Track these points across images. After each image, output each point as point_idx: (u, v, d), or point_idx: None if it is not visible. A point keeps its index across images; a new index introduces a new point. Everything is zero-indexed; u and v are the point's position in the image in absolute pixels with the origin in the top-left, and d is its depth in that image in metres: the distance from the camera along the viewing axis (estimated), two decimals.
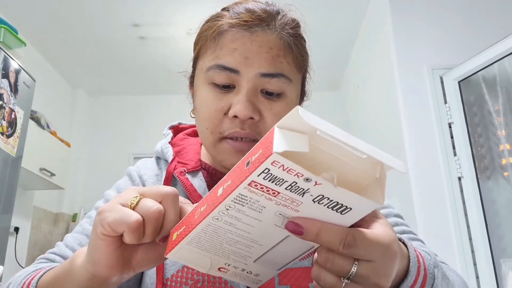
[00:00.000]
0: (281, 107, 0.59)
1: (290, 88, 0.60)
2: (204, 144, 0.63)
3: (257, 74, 0.57)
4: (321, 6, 2.92)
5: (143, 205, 0.39)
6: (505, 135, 2.08)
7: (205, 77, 0.60)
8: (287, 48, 0.60)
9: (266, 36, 0.58)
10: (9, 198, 1.99)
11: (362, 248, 0.34)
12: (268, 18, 0.60)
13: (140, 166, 0.70)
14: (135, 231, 0.37)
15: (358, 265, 0.35)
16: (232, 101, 0.57)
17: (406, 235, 0.62)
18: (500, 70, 2.13)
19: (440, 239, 2.09)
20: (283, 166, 0.30)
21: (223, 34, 0.59)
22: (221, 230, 0.37)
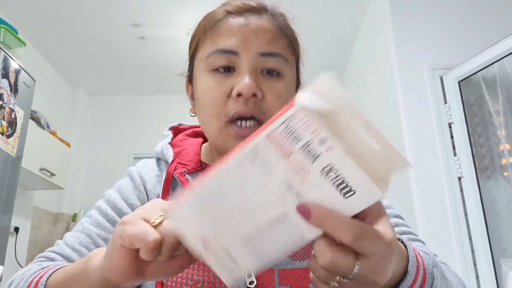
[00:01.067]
0: (281, 87, 0.61)
1: (287, 70, 0.63)
2: (209, 135, 0.63)
3: (256, 54, 0.59)
4: (321, 6, 2.92)
5: (165, 228, 0.39)
6: (505, 135, 2.09)
7: (204, 65, 0.62)
8: (280, 33, 0.63)
9: (260, 21, 0.62)
10: (9, 198, 1.99)
11: (369, 243, 0.34)
12: (260, 8, 0.64)
13: (141, 167, 0.71)
14: (152, 250, 0.37)
15: (360, 266, 0.34)
16: (233, 83, 0.59)
17: (407, 236, 0.62)
18: (500, 70, 2.13)
19: (440, 239, 2.09)
20: (304, 119, 0.31)
21: (220, 23, 0.62)
22: (226, 192, 0.36)
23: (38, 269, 0.54)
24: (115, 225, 0.62)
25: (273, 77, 0.61)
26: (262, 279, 0.56)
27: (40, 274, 0.51)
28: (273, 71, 0.61)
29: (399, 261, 0.40)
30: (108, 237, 0.61)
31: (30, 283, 0.50)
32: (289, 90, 0.63)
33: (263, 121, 0.59)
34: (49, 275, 0.50)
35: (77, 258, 0.59)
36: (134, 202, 0.65)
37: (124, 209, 0.64)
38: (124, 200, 0.65)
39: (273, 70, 0.61)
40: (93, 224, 0.63)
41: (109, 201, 0.65)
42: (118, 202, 0.65)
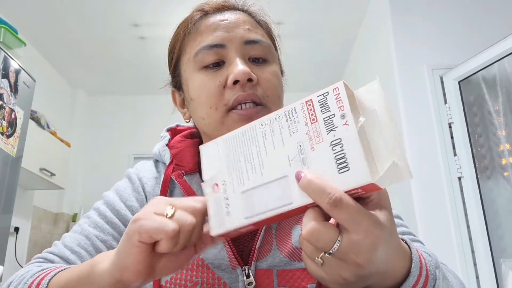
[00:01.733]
0: (270, 73, 0.63)
1: (271, 55, 0.65)
2: (211, 128, 0.62)
3: (241, 43, 0.62)
4: (321, 6, 2.92)
5: (180, 217, 0.40)
6: (505, 135, 2.08)
7: (194, 64, 0.63)
8: (257, 23, 0.67)
9: (236, 15, 0.65)
10: (9, 198, 1.99)
11: (346, 213, 0.35)
12: (233, 6, 0.68)
13: (139, 169, 0.71)
14: (173, 239, 0.39)
15: (341, 242, 0.35)
16: (227, 73, 0.60)
17: (406, 236, 0.62)
18: (500, 70, 2.13)
19: (440, 239, 2.09)
20: (339, 95, 0.37)
21: (200, 23, 0.65)
22: (253, 140, 0.41)
23: (38, 271, 0.53)
24: (113, 227, 0.62)
25: (261, 63, 0.63)
26: (261, 280, 0.56)
27: (40, 276, 0.51)
28: (259, 58, 0.63)
29: (401, 260, 0.40)
30: (107, 238, 0.61)
31: (30, 285, 0.50)
32: (278, 75, 0.65)
33: (262, 104, 0.60)
34: (51, 278, 0.50)
35: (75, 260, 0.59)
36: (133, 204, 0.65)
37: (122, 211, 0.64)
38: (122, 202, 0.65)
39: (259, 57, 0.63)
40: (92, 226, 0.63)
41: (108, 203, 0.65)
42: (116, 204, 0.65)
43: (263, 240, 0.59)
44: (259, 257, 0.57)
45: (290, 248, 0.58)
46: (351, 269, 0.36)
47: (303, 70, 3.80)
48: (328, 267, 0.37)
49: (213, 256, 0.58)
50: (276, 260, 0.57)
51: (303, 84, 4.07)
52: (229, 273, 0.57)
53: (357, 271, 0.36)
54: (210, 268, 0.57)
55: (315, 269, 0.38)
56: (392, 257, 0.39)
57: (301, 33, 3.21)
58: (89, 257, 0.59)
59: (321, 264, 0.37)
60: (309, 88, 4.17)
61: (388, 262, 0.38)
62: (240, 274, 0.56)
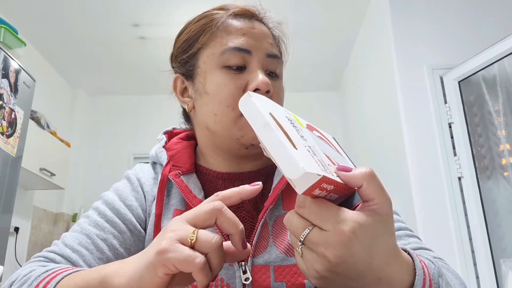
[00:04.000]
0: (280, 89, 0.68)
1: (281, 73, 0.70)
2: (220, 126, 0.64)
3: (265, 55, 0.66)
4: (321, 6, 2.92)
5: (203, 240, 0.39)
6: (505, 135, 2.08)
7: (217, 62, 0.65)
8: (276, 41, 0.72)
9: (261, 26, 0.69)
10: (9, 198, 1.99)
11: (310, 213, 0.38)
12: (261, 14, 0.71)
13: (137, 170, 0.72)
14: (203, 270, 0.38)
15: (309, 231, 0.37)
16: (247, 79, 0.63)
17: (403, 232, 0.62)
18: (500, 70, 2.13)
19: (440, 239, 2.09)
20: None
21: (229, 22, 0.67)
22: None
23: (42, 272, 0.52)
24: (113, 226, 0.63)
25: (273, 77, 0.67)
26: (257, 275, 0.57)
27: (46, 279, 0.50)
28: (274, 73, 0.67)
29: (401, 271, 0.41)
30: (107, 237, 0.61)
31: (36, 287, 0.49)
32: (283, 91, 0.70)
33: None
34: (57, 282, 0.49)
35: (77, 259, 0.58)
36: (132, 204, 0.65)
37: (122, 210, 0.64)
38: (122, 202, 0.65)
39: (274, 71, 0.67)
40: (92, 225, 0.63)
41: (107, 202, 0.66)
42: (116, 203, 0.65)
43: (259, 236, 0.59)
44: (256, 253, 0.58)
45: (286, 244, 0.59)
46: (322, 262, 0.37)
47: (303, 70, 3.79)
48: (305, 259, 0.39)
49: None
50: (272, 256, 0.58)
51: (303, 84, 4.07)
52: (226, 269, 0.57)
53: (327, 265, 0.37)
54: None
55: (298, 260, 0.41)
56: (383, 264, 0.39)
57: (301, 33, 3.21)
58: (90, 255, 0.59)
59: (301, 255, 0.39)
60: (309, 88, 4.18)
61: (373, 267, 0.38)
62: (237, 270, 0.57)
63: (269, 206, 0.60)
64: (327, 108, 4.11)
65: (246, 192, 0.44)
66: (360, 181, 0.38)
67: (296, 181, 0.36)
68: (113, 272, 0.44)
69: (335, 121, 4.04)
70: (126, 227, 0.63)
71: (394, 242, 0.41)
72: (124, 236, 0.62)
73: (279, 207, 0.62)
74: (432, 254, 0.59)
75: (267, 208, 0.60)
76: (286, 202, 0.63)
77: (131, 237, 0.63)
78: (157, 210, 0.64)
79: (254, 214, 0.63)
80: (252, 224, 0.62)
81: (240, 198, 0.44)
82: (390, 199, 0.39)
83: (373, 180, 0.38)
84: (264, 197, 0.64)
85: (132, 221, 0.64)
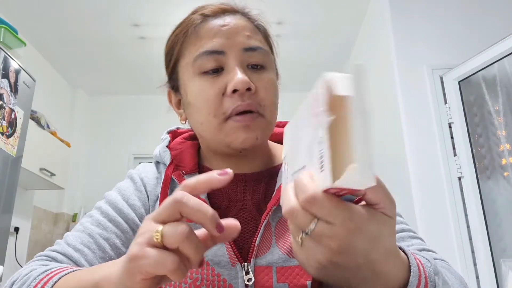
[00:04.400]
0: (268, 78, 0.64)
1: (269, 62, 0.65)
2: (208, 134, 0.63)
3: (241, 50, 0.62)
4: (321, 6, 2.92)
5: (168, 235, 0.38)
6: (505, 135, 2.08)
7: (193, 69, 0.63)
8: (256, 29, 0.67)
9: (236, 20, 0.65)
10: (9, 198, 1.99)
11: (320, 209, 0.36)
12: (233, 10, 0.67)
13: (141, 169, 0.72)
14: (177, 270, 0.38)
15: (317, 224, 0.37)
16: (226, 81, 0.60)
17: (405, 233, 0.62)
18: (500, 70, 2.13)
19: (440, 239, 2.09)
20: (322, 90, 0.37)
21: (199, 27, 0.64)
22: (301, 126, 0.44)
23: (42, 271, 0.53)
24: (116, 225, 0.63)
25: (259, 70, 0.63)
26: (260, 276, 0.56)
27: (44, 280, 0.50)
28: (258, 65, 0.63)
29: (396, 268, 0.41)
30: (110, 236, 0.61)
31: (36, 285, 0.50)
32: (274, 82, 0.66)
33: (260, 113, 0.61)
34: (55, 282, 0.49)
35: (79, 258, 0.59)
36: (135, 203, 0.66)
37: (125, 209, 0.64)
38: (125, 201, 0.66)
39: (258, 64, 0.63)
40: (94, 224, 0.63)
41: (110, 202, 0.66)
42: (119, 203, 0.65)
43: (262, 237, 0.59)
44: (258, 254, 0.58)
45: (289, 245, 0.59)
46: (325, 252, 0.37)
47: (303, 70, 3.79)
48: (306, 249, 0.39)
49: (213, 253, 0.58)
50: (275, 257, 0.58)
51: (303, 84, 4.07)
52: (229, 270, 0.57)
53: (330, 255, 0.37)
54: (210, 264, 0.58)
55: (297, 250, 0.40)
56: (381, 260, 0.39)
57: (301, 33, 3.21)
58: (92, 255, 0.59)
59: (301, 244, 0.39)
60: (309, 88, 4.16)
61: (371, 261, 0.38)
62: (240, 270, 0.57)
63: (272, 207, 0.60)
64: None
65: (215, 181, 0.41)
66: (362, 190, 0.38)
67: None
68: (105, 278, 0.44)
69: None
70: (129, 226, 0.63)
71: (394, 243, 0.41)
72: (126, 235, 0.63)
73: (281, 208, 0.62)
74: (435, 255, 0.59)
75: (270, 209, 0.60)
76: None
77: (134, 236, 0.63)
78: None
79: (256, 215, 0.63)
80: (255, 225, 0.62)
81: (209, 188, 0.42)
82: (394, 202, 0.40)
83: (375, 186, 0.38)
84: (267, 198, 0.64)
85: (135, 220, 0.64)
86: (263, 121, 0.62)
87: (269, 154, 0.71)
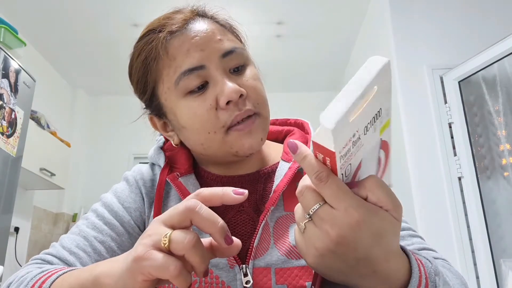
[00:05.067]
0: (251, 74, 0.62)
1: (246, 57, 0.64)
2: (213, 150, 0.61)
3: (219, 57, 0.60)
4: (321, 6, 2.92)
5: (176, 242, 0.39)
6: (505, 135, 2.08)
7: (176, 93, 0.60)
8: (223, 28, 0.64)
9: (203, 26, 0.61)
10: (9, 198, 1.99)
11: (328, 189, 0.37)
12: (194, 13, 0.64)
13: (136, 171, 0.71)
14: (180, 276, 0.38)
15: (320, 206, 0.38)
16: (215, 94, 0.58)
17: (406, 232, 0.62)
18: (500, 70, 2.13)
19: (440, 239, 2.09)
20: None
21: (168, 46, 0.60)
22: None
23: (38, 273, 0.53)
24: (112, 228, 0.62)
25: (241, 71, 0.62)
26: (258, 278, 0.56)
27: (41, 279, 0.51)
28: (239, 66, 0.62)
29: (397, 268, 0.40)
30: (105, 239, 0.61)
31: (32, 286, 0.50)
32: (257, 76, 0.64)
33: (257, 112, 0.61)
34: (52, 281, 0.49)
35: (74, 261, 0.58)
36: (131, 206, 0.65)
37: (120, 212, 0.64)
38: (120, 204, 0.65)
39: (238, 65, 0.61)
40: (90, 227, 0.62)
41: (106, 204, 0.65)
42: (115, 206, 0.65)
43: (260, 239, 0.59)
44: (257, 256, 0.57)
45: (287, 246, 0.58)
46: (323, 240, 0.38)
47: (303, 70, 3.80)
48: (307, 235, 0.40)
49: None
50: (273, 258, 0.57)
51: (303, 84, 4.07)
52: (227, 272, 0.57)
53: (328, 243, 0.38)
54: (208, 266, 0.57)
55: (298, 237, 0.41)
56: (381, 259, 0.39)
57: (301, 33, 3.21)
58: (87, 258, 0.59)
59: (303, 231, 0.40)
60: (309, 88, 4.18)
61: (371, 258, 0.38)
62: (238, 272, 0.56)
63: (270, 207, 0.60)
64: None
65: (228, 199, 0.43)
66: (363, 193, 0.39)
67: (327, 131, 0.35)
68: (104, 273, 0.44)
69: None
70: (124, 229, 0.63)
71: (398, 244, 0.41)
72: (122, 238, 0.62)
73: (279, 208, 0.62)
74: (435, 254, 0.59)
75: (268, 209, 0.60)
76: (287, 203, 0.62)
77: (129, 239, 0.63)
78: (156, 212, 0.63)
79: (254, 216, 0.62)
80: (253, 226, 0.61)
81: (221, 202, 0.43)
82: (400, 205, 0.40)
83: (377, 190, 0.38)
84: (265, 198, 0.64)
85: (131, 223, 0.64)
86: (262, 120, 0.61)
87: (264, 153, 0.70)
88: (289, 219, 0.61)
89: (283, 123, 0.77)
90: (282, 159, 0.66)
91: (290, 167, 0.63)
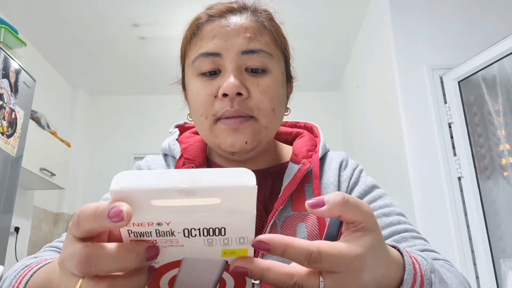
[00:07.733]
0: (268, 82, 0.61)
1: (272, 64, 0.62)
2: (202, 134, 0.65)
3: (238, 53, 0.60)
4: (321, 6, 2.92)
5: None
6: (505, 135, 2.08)
7: (192, 70, 0.63)
8: (262, 28, 0.63)
9: (240, 21, 0.62)
10: (9, 198, 1.99)
11: (327, 263, 0.34)
12: (241, 8, 0.65)
13: (149, 161, 0.72)
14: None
15: (324, 280, 0.35)
16: (219, 84, 0.60)
17: (409, 234, 0.62)
18: (500, 70, 2.13)
19: (440, 239, 2.09)
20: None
21: (202, 27, 0.64)
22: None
23: (21, 269, 0.51)
24: None
25: (258, 74, 0.61)
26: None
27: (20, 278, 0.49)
28: (258, 69, 0.61)
29: (394, 270, 0.40)
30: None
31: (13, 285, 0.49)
32: (277, 85, 0.63)
33: (252, 116, 0.60)
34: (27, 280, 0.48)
35: None
36: None
37: None
38: None
39: (257, 67, 0.61)
40: None
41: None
42: None
43: None
44: (264, 254, 0.58)
45: None
46: None
47: (303, 70, 3.79)
48: None
49: None
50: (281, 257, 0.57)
51: (303, 84, 4.06)
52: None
53: None
54: None
55: None
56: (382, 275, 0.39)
57: (301, 33, 3.21)
58: None
59: None
60: (309, 88, 4.18)
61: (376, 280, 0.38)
62: None
63: (278, 207, 0.60)
64: (327, 108, 4.11)
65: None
66: (336, 213, 0.36)
67: None
68: (56, 278, 0.41)
69: (335, 121, 4.04)
70: None
71: (385, 246, 0.40)
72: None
73: (288, 208, 0.62)
74: (437, 256, 0.58)
75: (276, 209, 0.60)
76: (295, 203, 0.62)
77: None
78: None
79: (262, 213, 0.63)
80: (261, 223, 0.62)
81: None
82: (370, 211, 0.38)
83: (346, 205, 0.36)
84: (273, 197, 0.64)
85: None
86: (256, 125, 0.61)
87: (276, 152, 0.71)
88: (296, 219, 0.61)
89: (293, 125, 0.79)
90: (291, 160, 0.67)
91: (299, 169, 0.65)
